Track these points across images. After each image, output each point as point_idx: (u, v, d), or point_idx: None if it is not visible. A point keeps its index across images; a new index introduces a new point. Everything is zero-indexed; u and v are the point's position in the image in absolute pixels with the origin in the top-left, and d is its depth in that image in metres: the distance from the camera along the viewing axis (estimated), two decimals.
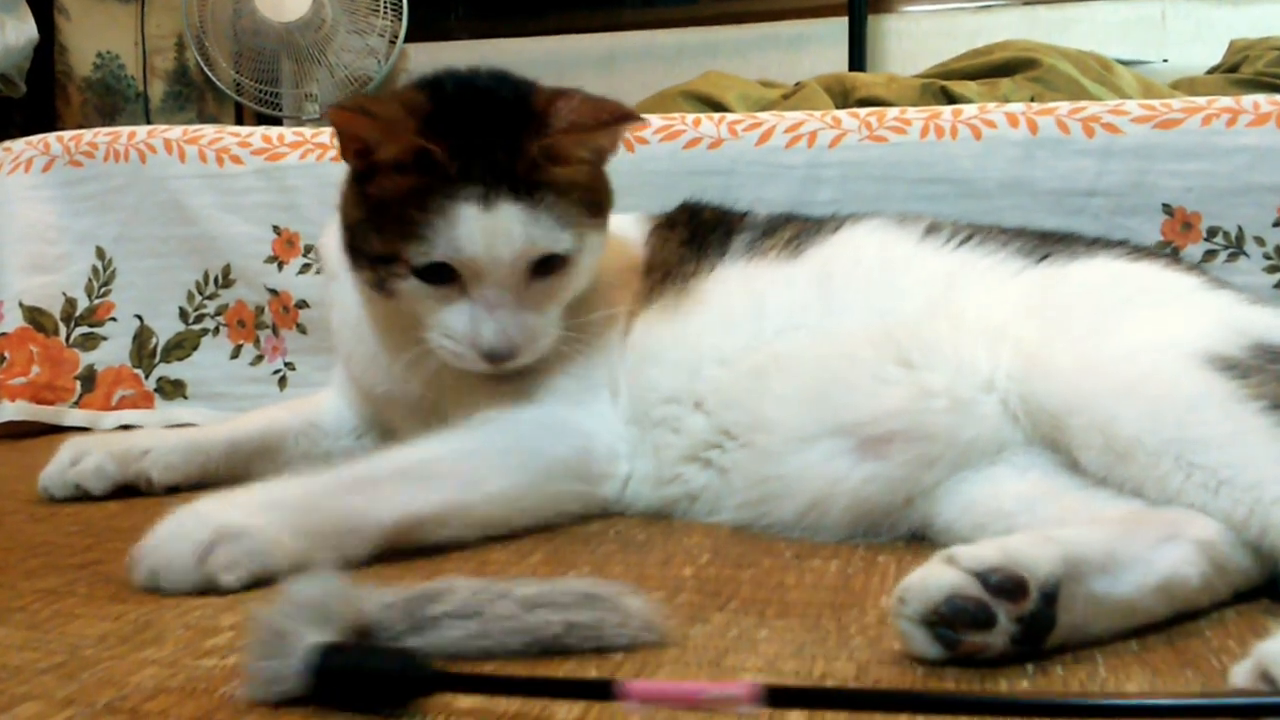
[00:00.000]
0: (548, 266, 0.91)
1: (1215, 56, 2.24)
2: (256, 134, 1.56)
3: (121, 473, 1.06)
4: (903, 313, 0.92)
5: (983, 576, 0.60)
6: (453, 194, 0.87)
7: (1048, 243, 0.96)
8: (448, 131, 0.88)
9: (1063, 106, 1.32)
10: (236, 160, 1.52)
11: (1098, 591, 0.64)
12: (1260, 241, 1.24)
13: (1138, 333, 0.81)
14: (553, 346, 0.94)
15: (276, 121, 2.70)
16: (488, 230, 0.87)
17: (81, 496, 1.05)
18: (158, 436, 1.11)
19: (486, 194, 0.87)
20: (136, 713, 0.56)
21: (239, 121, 3.02)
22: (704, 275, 1.02)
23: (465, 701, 0.56)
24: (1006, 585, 0.60)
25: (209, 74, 2.80)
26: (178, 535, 0.76)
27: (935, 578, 0.61)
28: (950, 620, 0.60)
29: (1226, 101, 1.27)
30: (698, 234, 1.07)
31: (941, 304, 0.92)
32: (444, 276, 0.90)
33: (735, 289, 1.00)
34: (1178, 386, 0.75)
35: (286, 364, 1.52)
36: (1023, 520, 0.79)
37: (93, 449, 1.06)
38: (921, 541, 0.88)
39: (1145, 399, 0.75)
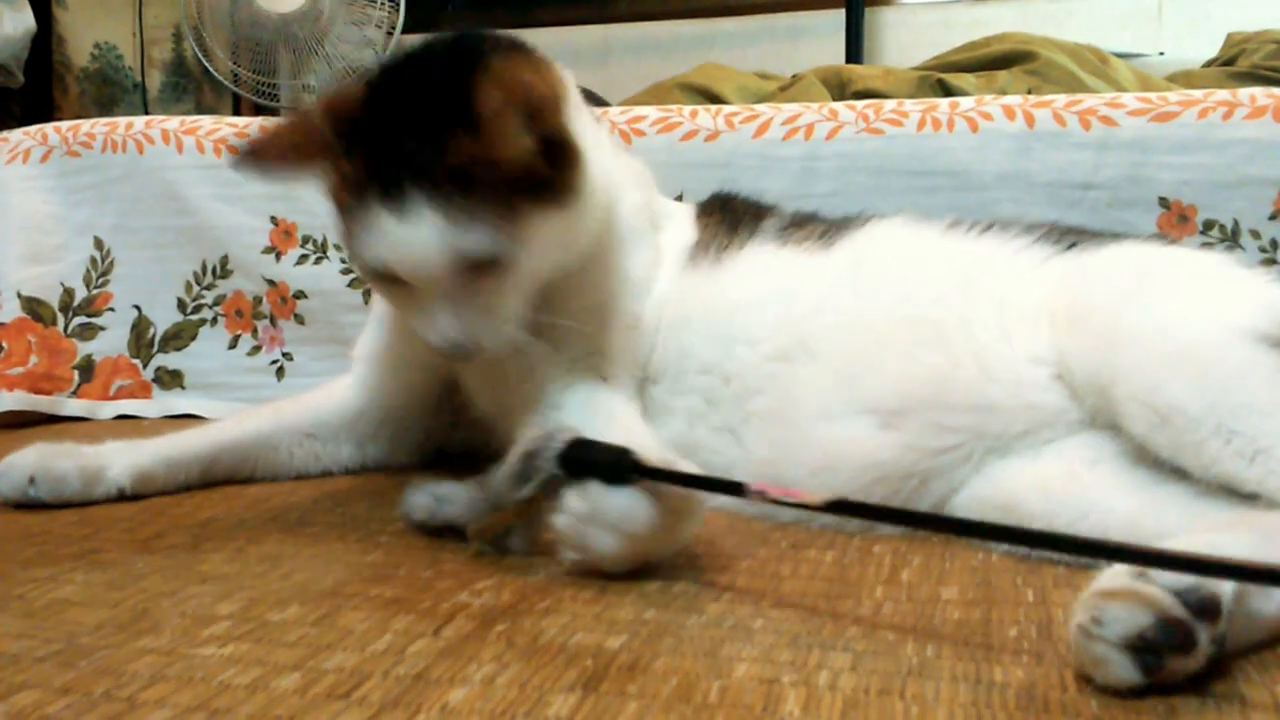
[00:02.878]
0: (488, 266, 0.83)
1: (1212, 49, 2.24)
2: (254, 125, 1.55)
3: (84, 493, 0.99)
4: (935, 296, 0.93)
5: (1183, 596, 0.56)
6: (370, 204, 0.82)
7: (1072, 234, 0.97)
8: (370, 134, 0.83)
9: (1059, 99, 1.32)
10: (234, 151, 1.52)
11: (1253, 609, 0.61)
12: (1256, 234, 1.24)
13: (1183, 306, 0.82)
14: (514, 337, 0.88)
15: (274, 112, 2.69)
16: (404, 242, 0.81)
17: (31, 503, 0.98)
18: (131, 453, 1.03)
19: (404, 204, 0.80)
20: (134, 701, 0.56)
21: (236, 112, 3.02)
22: (736, 250, 1.04)
23: (458, 694, 0.57)
24: (1205, 604, 0.56)
25: (206, 65, 2.79)
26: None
27: (1138, 597, 0.57)
28: (1158, 645, 0.55)
29: (1223, 94, 1.27)
30: (730, 217, 1.09)
31: (974, 286, 0.93)
32: (392, 277, 0.85)
33: (766, 270, 1.02)
34: (1224, 356, 0.76)
35: (284, 354, 1.52)
36: (1098, 512, 0.78)
37: (61, 458, 1.00)
38: (919, 534, 0.89)
39: (1191, 366, 0.76)
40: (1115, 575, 0.58)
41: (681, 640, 0.64)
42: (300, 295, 1.50)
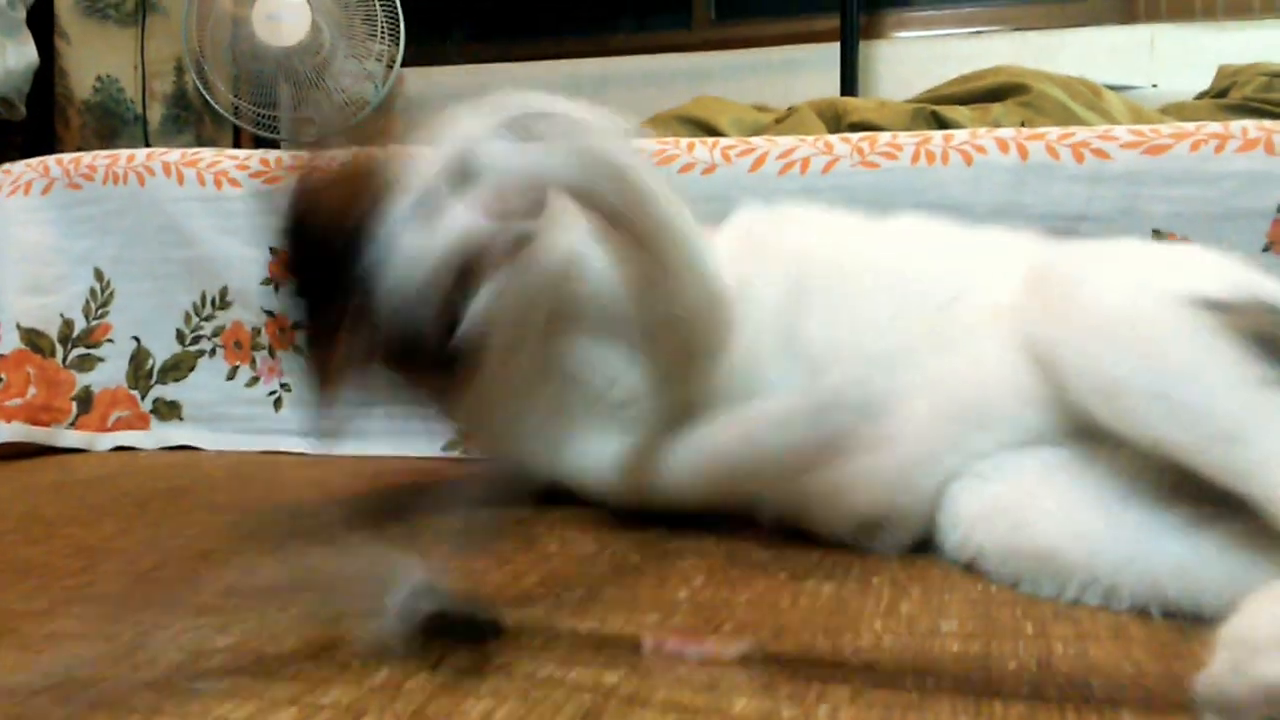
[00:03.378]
0: None
1: (1203, 82, 2.27)
2: (254, 157, 1.56)
3: None
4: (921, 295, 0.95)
5: None
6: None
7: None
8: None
9: (1052, 132, 1.33)
10: (234, 183, 1.53)
11: None
12: None
13: (1122, 275, 0.80)
14: None
15: (274, 144, 2.71)
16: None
17: None
18: None
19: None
20: None
21: (237, 144, 3.04)
22: None
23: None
24: None
25: (207, 97, 2.82)
26: None
27: None
28: None
29: (1215, 127, 1.28)
30: None
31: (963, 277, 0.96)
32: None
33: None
34: (1157, 320, 0.72)
35: (282, 385, 1.53)
36: (1143, 558, 0.73)
37: None
38: (916, 554, 0.88)
39: (1123, 331, 0.73)
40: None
41: (680, 673, 0.64)
42: (299, 326, 1.50)
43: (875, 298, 0.96)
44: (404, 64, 2.81)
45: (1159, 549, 0.73)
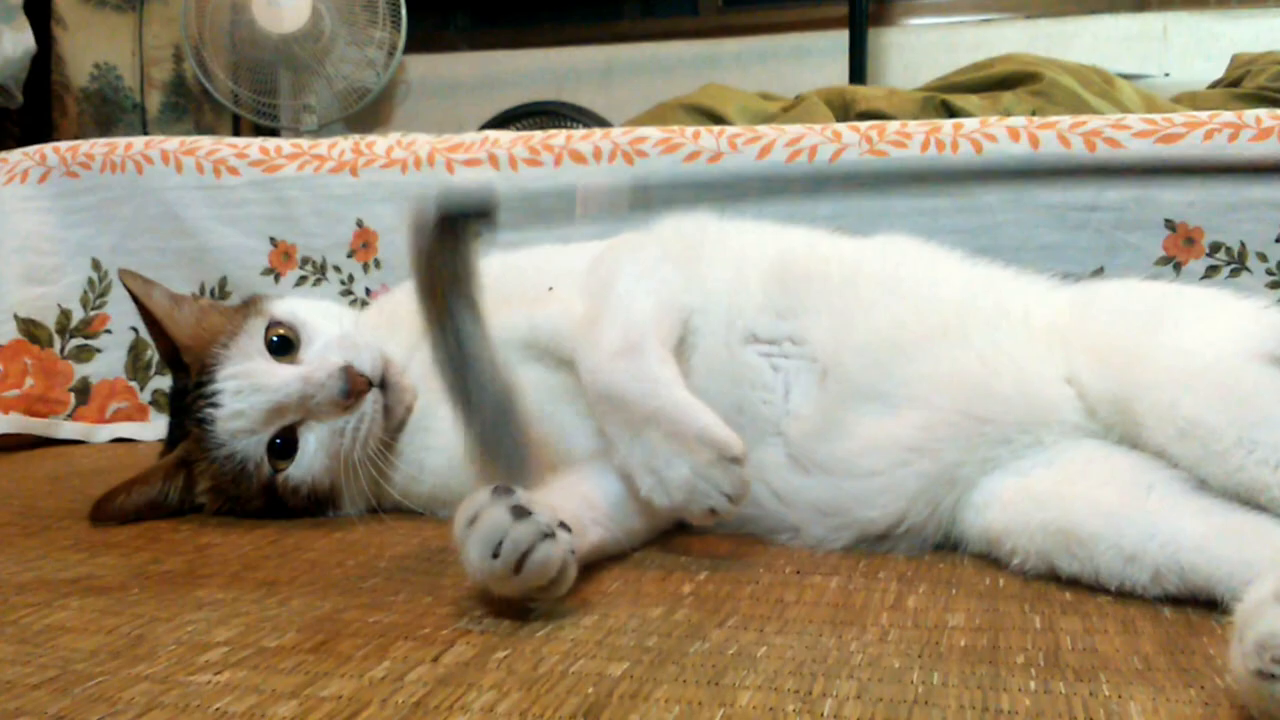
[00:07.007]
0: None
1: (1217, 70, 2.25)
2: (254, 145, 1.55)
3: None
4: (951, 303, 0.94)
5: None
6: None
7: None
8: None
9: (1064, 121, 1.32)
10: (233, 171, 1.52)
11: None
12: (1263, 257, 1.24)
13: (1198, 332, 0.86)
14: None
15: (274, 133, 2.71)
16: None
17: None
18: None
19: None
20: None
21: (236, 132, 3.03)
22: None
23: None
24: None
25: (206, 85, 2.81)
26: None
27: None
28: None
29: (1228, 116, 1.27)
30: None
31: (992, 293, 0.95)
32: None
33: None
34: (1241, 375, 0.79)
35: None
36: (1165, 534, 0.76)
37: None
38: (924, 553, 0.88)
39: (1211, 384, 0.78)
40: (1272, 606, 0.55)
41: (684, 668, 0.63)
42: None
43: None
44: (406, 50, 2.80)
45: (1182, 527, 0.75)
